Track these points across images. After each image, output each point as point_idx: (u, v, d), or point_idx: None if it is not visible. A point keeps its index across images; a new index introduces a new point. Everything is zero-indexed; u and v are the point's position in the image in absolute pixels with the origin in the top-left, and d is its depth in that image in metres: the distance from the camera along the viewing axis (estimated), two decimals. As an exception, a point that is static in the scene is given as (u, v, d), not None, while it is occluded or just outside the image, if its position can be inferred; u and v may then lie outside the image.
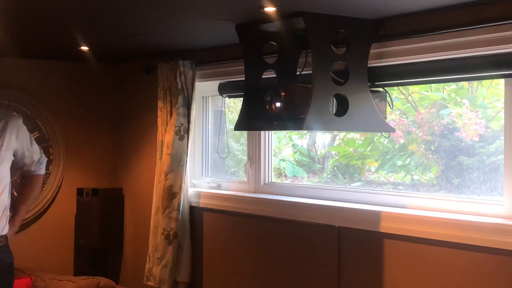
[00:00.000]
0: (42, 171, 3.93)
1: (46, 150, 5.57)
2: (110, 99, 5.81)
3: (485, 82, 3.37)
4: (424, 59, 3.30)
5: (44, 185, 5.57)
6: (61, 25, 4.06)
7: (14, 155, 3.69)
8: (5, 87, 5.39)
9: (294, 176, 4.50)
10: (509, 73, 3.01)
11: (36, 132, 5.57)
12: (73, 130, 5.71)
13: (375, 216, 3.48)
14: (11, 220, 3.70)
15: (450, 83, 3.52)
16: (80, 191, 5.60)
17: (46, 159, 4.01)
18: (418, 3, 3.09)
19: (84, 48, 4.83)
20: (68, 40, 4.55)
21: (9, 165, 3.64)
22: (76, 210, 5.64)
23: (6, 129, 3.63)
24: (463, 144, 3.59)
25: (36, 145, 3.88)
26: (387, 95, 3.55)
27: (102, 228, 5.46)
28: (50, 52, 5.22)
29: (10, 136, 3.64)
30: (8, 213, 3.58)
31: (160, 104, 4.84)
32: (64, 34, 4.33)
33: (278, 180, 4.43)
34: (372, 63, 3.44)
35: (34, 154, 3.83)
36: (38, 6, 3.43)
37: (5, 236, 3.59)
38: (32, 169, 3.82)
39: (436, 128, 3.74)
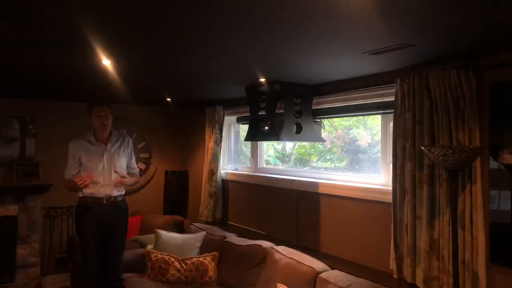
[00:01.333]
0: (137, 172, 3.75)
1: (148, 151, 5.58)
2: (180, 125, 5.78)
3: (371, 116, 3.38)
4: (340, 104, 3.32)
5: (149, 169, 5.57)
6: (157, 88, 4.07)
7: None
8: (124, 119, 5.36)
9: (275, 164, 4.49)
10: (383, 112, 3.03)
11: (144, 142, 5.55)
12: (162, 141, 5.70)
13: (316, 185, 3.48)
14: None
15: (353, 117, 3.52)
16: (166, 172, 5.59)
17: (139, 169, 3.87)
18: (335, 77, 3.12)
19: (168, 99, 4.83)
20: (160, 95, 4.55)
21: (125, 162, 3.56)
22: (164, 181, 5.61)
23: (123, 142, 3.57)
24: (360, 148, 3.59)
25: (134, 160, 3.73)
26: (322, 123, 3.56)
27: (177, 191, 5.45)
28: (149, 101, 5.21)
29: (125, 146, 3.58)
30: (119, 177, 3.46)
31: (207, 127, 4.83)
32: (158, 92, 4.33)
33: (266, 166, 4.42)
34: (314, 107, 3.45)
35: (133, 162, 3.68)
36: (146, 78, 3.43)
37: (123, 194, 3.52)
38: (132, 172, 3.65)
39: (346, 139, 3.74)
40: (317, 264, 2.98)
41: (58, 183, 4.85)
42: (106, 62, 2.66)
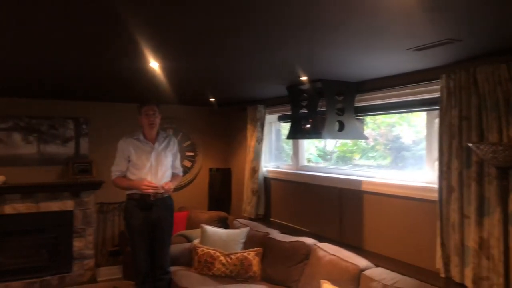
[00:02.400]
0: (180, 172, 3.80)
1: (193, 149, 5.68)
2: (223, 124, 5.84)
3: (415, 113, 3.27)
4: (383, 102, 3.24)
5: (194, 166, 5.67)
6: (201, 89, 4.12)
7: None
8: (171, 119, 5.48)
9: (316, 162, 4.45)
10: (428, 108, 2.93)
11: (189, 141, 5.65)
12: (206, 140, 5.79)
13: (359, 183, 3.42)
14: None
15: (397, 114, 3.43)
16: (210, 169, 5.67)
17: (184, 167, 3.86)
18: (378, 74, 3.05)
19: (212, 99, 4.89)
20: (204, 96, 4.62)
21: (171, 162, 3.62)
22: (209, 178, 5.70)
23: (170, 142, 3.64)
24: (404, 145, 3.49)
25: (179, 160, 3.78)
26: (364, 120, 3.49)
27: (221, 187, 5.52)
28: (194, 101, 5.30)
29: (172, 146, 3.64)
30: (168, 181, 3.55)
31: (249, 126, 4.85)
32: (202, 93, 4.39)
33: (308, 164, 4.39)
34: (356, 104, 3.39)
35: (178, 162, 3.74)
36: (191, 80, 3.49)
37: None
38: (176, 171, 3.72)
39: (390, 137, 3.65)
40: (360, 261, 2.93)
41: (110, 180, 5.06)
42: (154, 65, 2.73)
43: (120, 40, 2.16)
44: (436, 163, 2.71)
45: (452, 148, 2.52)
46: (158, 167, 3.49)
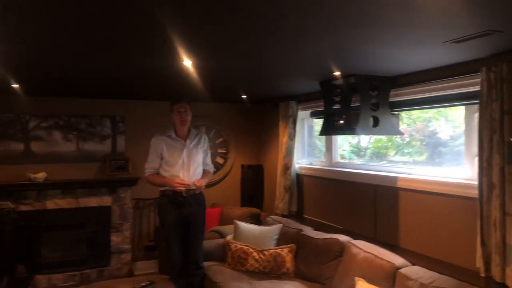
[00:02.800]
0: (211, 169, 3.83)
1: (225, 146, 5.73)
2: (255, 121, 5.85)
3: (452, 108, 3.17)
4: (419, 96, 3.17)
5: (227, 163, 5.73)
6: (234, 86, 4.15)
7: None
8: (204, 117, 5.55)
9: (350, 158, 4.40)
10: (466, 103, 2.84)
11: (221, 138, 5.71)
12: (238, 137, 5.82)
13: (394, 179, 3.36)
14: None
15: (433, 109, 3.34)
16: (242, 166, 5.71)
17: (213, 166, 3.89)
18: (414, 68, 2.98)
19: (244, 96, 4.92)
20: (236, 93, 4.65)
21: (202, 158, 3.67)
22: (241, 175, 5.74)
23: (201, 139, 3.68)
24: (441, 140, 3.40)
25: (210, 157, 3.81)
26: (399, 115, 3.42)
27: (253, 184, 5.54)
28: (227, 99, 5.34)
29: (203, 143, 3.69)
30: (200, 178, 3.59)
31: (280, 123, 4.85)
32: (234, 90, 4.42)
33: (342, 160, 4.34)
34: (391, 99, 3.32)
35: (208, 159, 3.77)
36: (223, 77, 3.52)
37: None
38: (207, 168, 3.76)
39: (426, 132, 3.56)
40: (396, 259, 2.88)
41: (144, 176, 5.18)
42: (187, 63, 2.77)
43: (155, 40, 2.20)
44: (476, 159, 2.62)
45: (493, 143, 2.43)
46: (190, 164, 3.55)
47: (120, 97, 4.99)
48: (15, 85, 3.82)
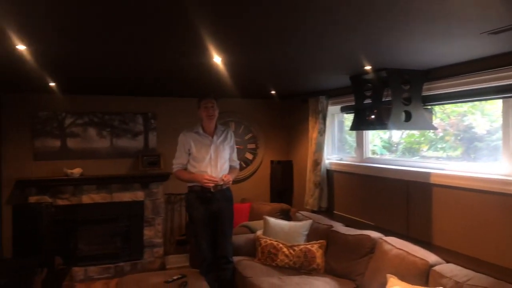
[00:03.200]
0: (237, 165, 3.85)
1: (254, 142, 5.75)
2: (284, 116, 5.85)
3: (489, 101, 3.07)
4: (453, 90, 3.08)
5: (256, 159, 5.75)
6: (263, 82, 4.16)
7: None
8: (233, 113, 5.59)
9: (381, 153, 4.33)
10: (504, 96, 2.74)
11: (250, 134, 5.74)
12: (268, 132, 5.83)
13: (427, 175, 3.29)
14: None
15: (468, 103, 3.23)
16: (272, 162, 5.71)
17: (239, 162, 3.92)
18: (448, 61, 2.90)
19: (273, 92, 4.92)
20: (265, 88, 4.66)
21: (228, 154, 3.70)
22: (270, 170, 5.74)
23: (227, 135, 3.72)
24: (477, 135, 3.30)
25: (236, 153, 3.84)
26: (433, 110, 3.34)
27: (282, 180, 5.54)
28: (256, 94, 5.35)
29: (229, 139, 3.72)
30: (227, 174, 3.62)
31: (310, 118, 4.82)
32: (263, 85, 4.43)
33: (373, 156, 4.28)
34: (424, 93, 3.25)
35: (235, 155, 3.81)
36: (253, 73, 3.53)
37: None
38: (233, 164, 3.79)
39: (461, 127, 3.46)
40: (430, 257, 2.83)
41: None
42: (217, 60, 2.80)
43: (187, 38, 2.24)
44: (514, 154, 2.53)
45: (533, 138, 2.34)
46: (217, 159, 3.60)
47: (152, 94, 5.09)
48: (52, 84, 3.97)
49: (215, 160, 3.59)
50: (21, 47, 2.37)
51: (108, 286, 4.60)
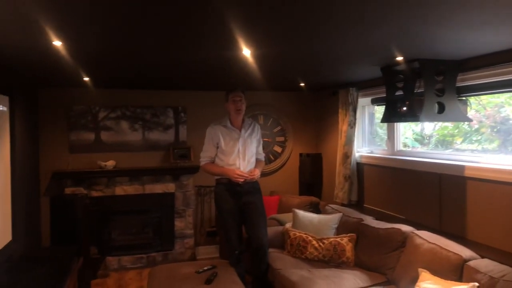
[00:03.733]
0: (263, 158, 3.86)
1: (283, 135, 5.74)
2: (313, 109, 5.81)
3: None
4: (489, 80, 2.98)
5: (284, 152, 5.75)
6: (292, 74, 4.15)
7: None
8: (262, 105, 5.60)
9: (413, 146, 4.24)
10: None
11: (279, 127, 5.73)
12: (296, 125, 5.81)
13: (461, 168, 3.20)
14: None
15: (506, 93, 3.12)
16: (300, 154, 5.69)
17: (264, 154, 3.93)
18: (484, 50, 2.81)
19: (302, 84, 4.89)
20: (294, 81, 4.64)
21: (255, 148, 3.71)
22: (299, 163, 5.72)
23: (254, 128, 3.73)
24: (515, 127, 3.18)
25: (262, 146, 3.85)
26: (467, 101, 3.24)
27: (311, 173, 5.51)
28: (284, 87, 5.33)
29: (256, 132, 3.73)
30: (255, 168, 3.64)
31: (340, 110, 4.77)
32: (292, 78, 4.42)
33: (404, 148, 4.20)
34: (458, 84, 3.16)
35: (261, 148, 3.82)
36: (282, 65, 3.52)
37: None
38: (260, 157, 3.80)
39: (497, 118, 3.35)
40: (464, 251, 2.76)
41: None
42: (246, 52, 2.80)
43: (217, 31, 2.25)
44: (555, 147, 2.44)
45: None
46: (245, 153, 3.61)
47: (182, 88, 5.16)
48: (86, 78, 4.08)
49: (243, 154, 3.61)
50: (57, 43, 2.45)
51: (141, 275, 4.73)
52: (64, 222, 4.28)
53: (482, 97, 3.35)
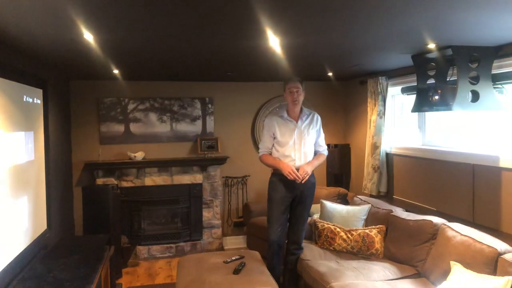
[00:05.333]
0: (325, 152, 3.73)
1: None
2: (341, 99, 5.74)
3: None
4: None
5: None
6: (319, 63, 4.11)
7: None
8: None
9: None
10: None
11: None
12: (324, 115, 5.70)
13: (496, 158, 3.12)
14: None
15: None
16: (328, 145, 5.57)
17: (326, 147, 3.75)
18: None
19: (330, 73, 4.84)
20: (322, 70, 4.59)
21: (314, 139, 3.62)
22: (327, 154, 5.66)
23: (313, 119, 3.64)
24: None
25: (323, 137, 3.72)
26: (504, 89, 3.14)
27: (339, 164, 5.46)
28: (312, 76, 5.27)
29: (315, 123, 3.64)
30: (308, 163, 3.53)
31: (369, 100, 4.71)
32: (321, 67, 4.37)
33: (435, 139, 4.10)
34: (494, 71, 3.06)
35: (321, 140, 3.70)
36: (310, 54, 3.49)
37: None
38: (320, 150, 3.68)
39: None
40: (498, 244, 2.69)
41: (234, 155, 5.35)
42: (274, 42, 2.79)
43: (244, 20, 2.26)
44: None
45: None
46: (301, 144, 3.52)
47: (209, 79, 5.19)
48: (115, 71, 4.17)
49: (299, 145, 3.52)
50: (88, 36, 2.51)
51: (170, 264, 4.83)
52: (96, 212, 4.41)
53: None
